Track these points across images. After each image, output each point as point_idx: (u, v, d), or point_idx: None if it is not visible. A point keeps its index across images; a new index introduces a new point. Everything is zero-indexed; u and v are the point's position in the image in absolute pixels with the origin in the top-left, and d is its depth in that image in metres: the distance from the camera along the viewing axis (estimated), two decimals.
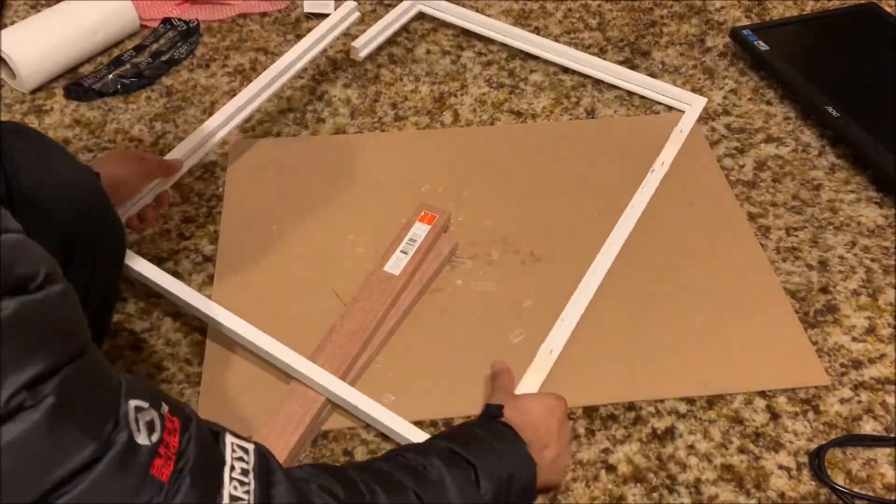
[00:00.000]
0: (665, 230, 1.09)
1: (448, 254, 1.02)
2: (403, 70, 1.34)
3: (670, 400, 0.91)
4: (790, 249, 1.07)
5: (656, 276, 1.03)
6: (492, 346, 0.95)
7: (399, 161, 1.17)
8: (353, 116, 1.25)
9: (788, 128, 1.25)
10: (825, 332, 0.98)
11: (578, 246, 1.06)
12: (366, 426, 0.88)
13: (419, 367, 0.93)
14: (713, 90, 1.31)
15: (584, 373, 0.93)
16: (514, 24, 1.43)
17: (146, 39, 1.38)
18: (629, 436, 0.88)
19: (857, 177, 1.18)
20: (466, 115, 1.26)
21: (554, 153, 1.19)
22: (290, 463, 0.83)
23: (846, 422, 0.90)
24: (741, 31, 1.35)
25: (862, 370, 0.94)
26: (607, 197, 1.12)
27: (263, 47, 1.37)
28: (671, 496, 0.83)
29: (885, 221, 1.11)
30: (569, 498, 0.83)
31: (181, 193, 1.12)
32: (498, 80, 1.32)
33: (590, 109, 1.27)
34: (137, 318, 0.97)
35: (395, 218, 1.07)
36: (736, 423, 0.89)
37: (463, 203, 1.11)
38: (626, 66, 1.34)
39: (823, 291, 1.03)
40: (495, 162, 1.18)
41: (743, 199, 1.14)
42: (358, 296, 0.96)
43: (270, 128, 1.23)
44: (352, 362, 0.90)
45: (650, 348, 0.95)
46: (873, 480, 0.85)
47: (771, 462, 0.86)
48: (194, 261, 1.04)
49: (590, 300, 0.97)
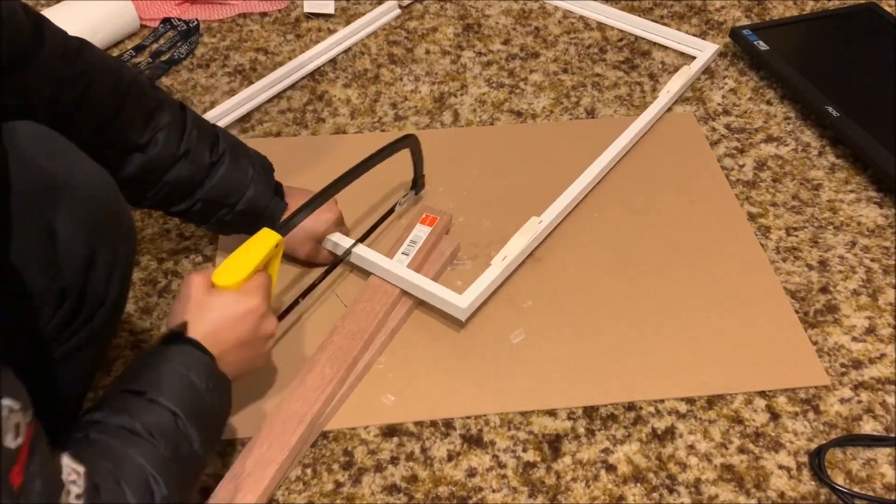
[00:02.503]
0: (665, 230, 1.09)
1: (450, 255, 1.03)
2: (403, 70, 1.34)
3: (670, 400, 0.91)
4: (790, 249, 1.07)
5: (656, 276, 1.03)
6: (492, 346, 0.95)
7: (399, 161, 1.17)
8: (353, 116, 1.25)
9: (788, 128, 1.25)
10: (825, 332, 0.98)
11: (578, 246, 1.06)
12: (366, 426, 0.88)
13: (420, 368, 0.93)
14: (713, 90, 1.31)
15: (584, 373, 0.93)
16: (513, 24, 1.43)
17: (146, 39, 1.38)
18: (629, 436, 0.88)
19: (857, 177, 1.18)
20: (466, 115, 1.26)
21: (554, 153, 1.19)
22: (292, 463, 0.84)
23: (846, 422, 0.90)
24: (741, 31, 1.36)
25: (862, 370, 0.94)
26: (608, 196, 1.12)
27: (263, 47, 1.37)
28: (671, 496, 0.83)
29: (885, 221, 1.11)
30: (569, 498, 0.83)
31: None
32: (498, 80, 1.32)
33: (590, 109, 1.27)
34: (137, 318, 0.97)
35: (395, 219, 1.07)
36: (736, 423, 0.89)
37: (463, 203, 1.11)
38: (626, 66, 1.34)
39: (823, 291, 1.03)
40: (495, 162, 1.18)
41: (743, 199, 1.14)
42: (359, 297, 0.96)
43: (270, 128, 1.23)
44: (353, 363, 0.90)
45: (650, 348, 0.95)
46: (873, 480, 0.85)
47: (771, 462, 0.86)
48: (194, 261, 1.04)
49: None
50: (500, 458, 0.86)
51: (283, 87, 1.28)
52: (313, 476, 0.84)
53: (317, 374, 0.88)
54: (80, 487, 0.57)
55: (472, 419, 0.89)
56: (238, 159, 0.93)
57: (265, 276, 0.81)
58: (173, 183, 0.89)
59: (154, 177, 0.88)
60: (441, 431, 0.88)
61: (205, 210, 0.93)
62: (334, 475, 0.84)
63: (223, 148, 0.92)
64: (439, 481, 0.84)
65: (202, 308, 0.76)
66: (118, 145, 0.85)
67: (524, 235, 1.01)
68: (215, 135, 0.92)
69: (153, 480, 0.64)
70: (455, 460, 0.86)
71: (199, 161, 0.90)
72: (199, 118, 0.92)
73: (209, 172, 0.91)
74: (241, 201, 0.93)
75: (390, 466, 0.85)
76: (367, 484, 0.83)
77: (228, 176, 0.92)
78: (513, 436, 0.88)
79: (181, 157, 0.88)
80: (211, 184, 0.91)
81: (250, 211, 0.94)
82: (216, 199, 0.92)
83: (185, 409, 0.69)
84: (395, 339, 0.96)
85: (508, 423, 0.89)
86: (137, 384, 0.70)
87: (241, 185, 0.93)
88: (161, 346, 0.73)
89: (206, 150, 0.90)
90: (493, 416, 0.89)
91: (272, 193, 0.95)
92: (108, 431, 0.66)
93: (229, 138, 0.94)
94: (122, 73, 0.85)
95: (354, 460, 0.85)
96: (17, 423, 0.51)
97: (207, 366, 0.73)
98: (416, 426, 0.88)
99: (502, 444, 0.87)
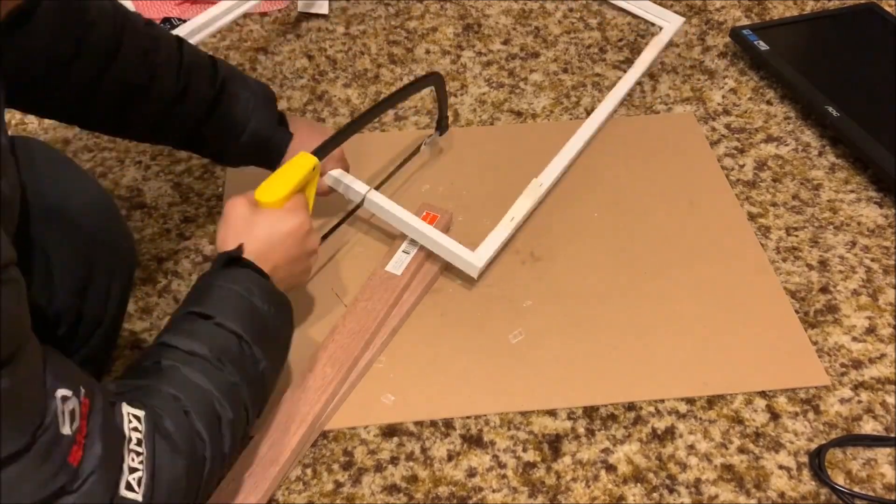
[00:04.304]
0: (665, 230, 1.09)
1: None
2: (403, 70, 1.34)
3: (670, 400, 0.91)
4: (790, 249, 1.07)
5: (656, 276, 1.03)
6: (492, 346, 0.95)
7: (399, 161, 1.17)
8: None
9: (788, 128, 1.25)
10: (825, 332, 0.98)
11: (578, 246, 1.06)
12: (366, 426, 0.88)
13: (420, 367, 0.93)
14: (713, 90, 1.31)
15: (584, 373, 0.93)
16: (514, 24, 1.43)
17: None
18: (629, 436, 0.88)
19: (857, 177, 1.18)
20: (466, 115, 1.26)
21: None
22: (293, 463, 0.84)
23: (846, 422, 0.90)
24: (741, 31, 1.35)
25: (862, 370, 0.94)
26: (607, 196, 1.12)
27: (263, 47, 1.37)
28: (671, 496, 0.83)
29: (885, 221, 1.11)
30: (569, 498, 0.83)
31: (181, 193, 1.12)
32: (498, 80, 1.32)
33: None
34: (137, 318, 0.97)
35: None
36: (736, 423, 0.89)
37: (463, 203, 1.11)
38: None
39: (823, 291, 1.03)
40: (495, 162, 1.18)
41: (743, 199, 1.14)
42: (360, 296, 0.96)
43: None
44: (354, 362, 0.90)
45: (650, 348, 0.95)
46: (873, 480, 0.85)
47: (771, 462, 0.86)
48: (194, 261, 1.04)
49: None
50: (500, 458, 0.86)
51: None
52: (313, 476, 0.84)
53: (318, 374, 0.88)
54: (140, 433, 0.60)
55: (472, 419, 0.89)
56: (237, 90, 0.93)
57: (304, 197, 0.84)
58: (176, 120, 0.89)
59: (157, 116, 0.88)
60: (441, 431, 0.88)
61: (211, 144, 0.93)
62: (334, 475, 0.84)
63: (221, 80, 0.91)
64: (439, 481, 0.84)
65: (251, 226, 0.78)
66: (118, 88, 0.84)
67: (528, 198, 1.05)
68: (213, 66, 0.92)
69: (218, 404, 0.67)
70: (455, 460, 0.86)
71: (200, 96, 0.89)
72: (195, 52, 0.91)
73: (209, 107, 0.90)
74: (244, 133, 0.93)
75: (390, 466, 0.85)
76: (367, 484, 0.83)
77: (228, 108, 0.92)
78: (513, 436, 0.88)
79: (182, 94, 0.88)
80: (213, 118, 0.91)
81: (254, 142, 0.94)
82: (219, 132, 0.92)
83: (250, 332, 0.72)
84: (395, 338, 0.96)
85: (508, 423, 0.89)
86: (204, 307, 0.71)
87: (242, 117, 0.92)
88: (220, 269, 0.75)
89: (206, 84, 0.90)
90: (493, 416, 0.89)
91: (276, 123, 0.95)
92: (178, 358, 0.68)
93: (226, 69, 0.94)
94: (116, 13, 0.84)
95: (354, 460, 0.85)
96: (73, 408, 0.55)
97: (266, 288, 0.75)
98: (416, 426, 0.88)
99: (502, 444, 0.87)
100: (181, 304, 0.75)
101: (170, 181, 1.13)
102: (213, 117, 0.91)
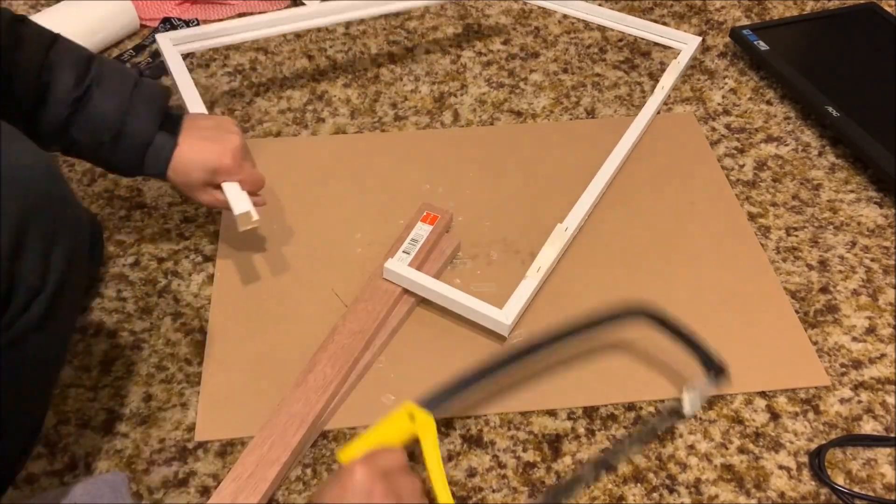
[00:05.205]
0: (665, 229, 1.09)
1: (450, 254, 1.03)
2: (403, 70, 1.34)
3: (670, 400, 0.91)
4: (790, 249, 1.08)
5: (656, 276, 1.03)
6: (492, 347, 0.95)
7: (399, 161, 1.17)
8: (353, 116, 1.25)
9: (788, 128, 1.25)
10: (825, 332, 0.98)
11: (578, 246, 1.06)
12: (366, 426, 0.88)
13: (421, 368, 0.93)
14: (713, 90, 1.31)
15: (584, 373, 0.93)
16: (513, 24, 1.43)
17: (146, 39, 1.38)
18: (629, 436, 0.88)
19: (857, 177, 1.18)
20: (466, 115, 1.26)
21: (554, 153, 1.20)
22: (292, 463, 0.84)
23: (846, 422, 0.90)
24: (741, 30, 1.36)
25: (862, 370, 0.94)
26: (608, 196, 1.12)
27: (263, 47, 1.37)
28: (671, 496, 0.83)
29: (885, 221, 1.11)
30: (569, 498, 0.83)
31: (180, 193, 1.12)
32: (498, 80, 1.32)
33: (590, 109, 1.27)
34: (137, 318, 0.98)
35: (395, 218, 1.07)
36: (736, 423, 0.89)
37: (463, 203, 1.11)
38: (626, 66, 1.34)
39: (823, 291, 1.03)
40: (495, 162, 1.18)
41: (743, 199, 1.14)
42: (360, 296, 0.96)
43: (270, 128, 1.23)
44: (354, 362, 0.90)
45: (650, 348, 0.95)
46: (873, 480, 0.85)
47: (771, 462, 0.86)
48: (194, 261, 1.04)
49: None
50: (500, 458, 0.86)
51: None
52: (313, 476, 0.84)
53: (318, 374, 0.88)
54: None
55: (472, 419, 0.89)
56: (111, 89, 0.87)
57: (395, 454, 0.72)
58: (43, 122, 0.85)
59: (23, 118, 0.84)
60: (441, 431, 0.88)
61: (84, 148, 0.89)
62: None
63: (91, 78, 0.86)
64: None
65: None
66: None
67: (553, 245, 1.01)
68: (87, 65, 0.87)
69: None
70: (455, 460, 0.86)
71: (61, 96, 0.85)
72: (70, 50, 0.86)
73: (73, 106, 0.86)
74: (121, 136, 0.87)
75: None
76: None
77: (95, 109, 0.86)
78: (513, 436, 0.88)
79: (44, 93, 0.84)
80: (80, 118, 0.86)
81: (129, 147, 0.88)
82: (88, 134, 0.87)
83: None
84: (395, 338, 0.96)
85: (508, 423, 0.89)
86: None
87: (113, 118, 0.87)
88: None
89: (72, 82, 0.85)
90: (493, 416, 0.89)
91: (156, 127, 0.89)
92: None
93: (106, 68, 0.88)
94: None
95: None
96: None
97: None
98: None
99: (502, 444, 0.87)
100: None
101: None
102: (80, 117, 0.86)
